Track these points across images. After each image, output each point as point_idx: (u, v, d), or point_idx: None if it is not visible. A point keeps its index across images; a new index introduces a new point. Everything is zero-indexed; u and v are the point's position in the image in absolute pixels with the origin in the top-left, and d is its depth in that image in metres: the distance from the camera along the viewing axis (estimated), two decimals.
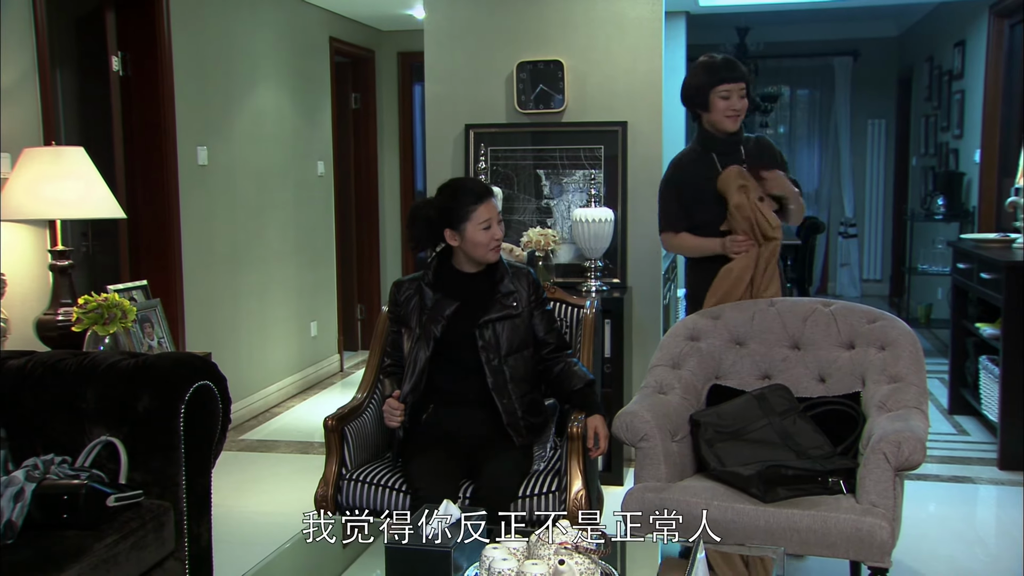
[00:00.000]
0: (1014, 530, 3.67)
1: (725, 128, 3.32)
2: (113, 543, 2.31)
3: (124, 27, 4.51)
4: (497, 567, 1.92)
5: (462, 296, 2.93)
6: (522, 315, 2.93)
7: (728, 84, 3.27)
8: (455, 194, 2.91)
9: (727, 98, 3.28)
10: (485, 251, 2.90)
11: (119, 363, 2.73)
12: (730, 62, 3.33)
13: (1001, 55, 6.24)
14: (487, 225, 2.87)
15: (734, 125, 3.33)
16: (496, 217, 2.90)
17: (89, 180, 3.45)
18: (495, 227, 2.90)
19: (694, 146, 3.44)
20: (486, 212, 2.88)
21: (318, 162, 6.37)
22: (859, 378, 2.97)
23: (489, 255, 2.92)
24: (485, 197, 2.90)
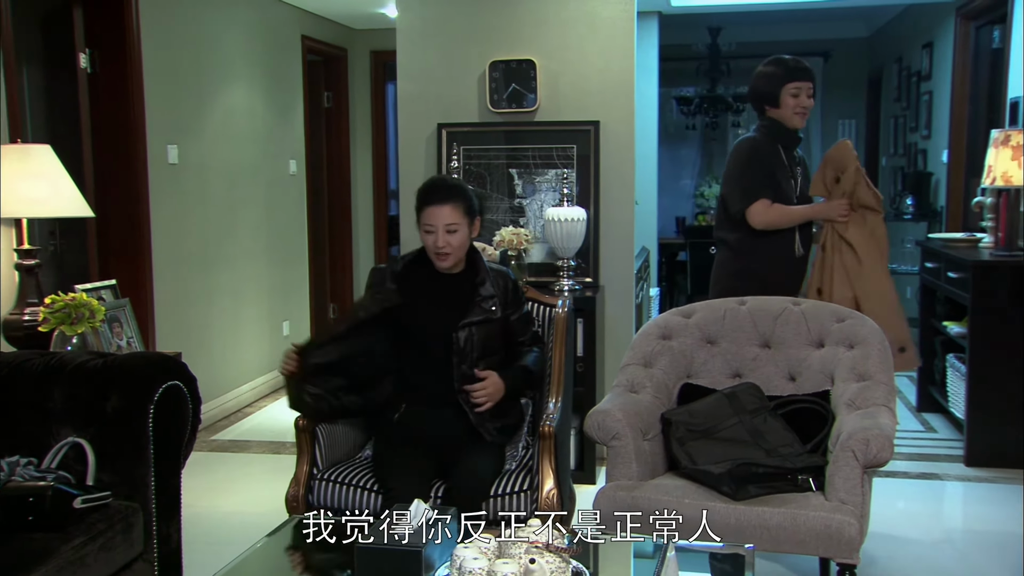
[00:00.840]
0: (980, 526, 3.72)
1: (793, 124, 3.54)
2: (80, 545, 2.29)
3: (92, 24, 4.47)
4: (468, 566, 1.92)
5: (436, 295, 2.92)
6: (499, 319, 2.93)
7: (799, 82, 3.49)
8: (417, 194, 2.92)
9: (797, 96, 3.49)
10: (433, 256, 2.89)
11: (87, 363, 2.71)
12: (800, 62, 3.54)
13: (967, 57, 6.32)
14: (429, 230, 2.85)
15: (801, 122, 3.54)
16: (444, 226, 2.83)
17: (56, 178, 3.41)
18: (440, 235, 2.83)
19: (759, 135, 3.59)
20: (429, 217, 2.85)
21: (290, 161, 6.33)
22: (828, 376, 2.99)
23: (435, 260, 2.89)
24: (434, 200, 2.86)
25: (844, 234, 3.42)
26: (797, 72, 3.51)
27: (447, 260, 2.89)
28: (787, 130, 3.56)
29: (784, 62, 3.55)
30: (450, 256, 2.88)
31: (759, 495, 2.62)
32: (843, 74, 9.83)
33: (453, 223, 2.85)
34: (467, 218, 2.89)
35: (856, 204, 3.44)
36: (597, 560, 2.26)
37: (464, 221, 2.88)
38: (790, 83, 3.49)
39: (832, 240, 3.45)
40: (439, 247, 2.85)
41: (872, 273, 3.39)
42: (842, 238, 3.42)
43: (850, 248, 3.40)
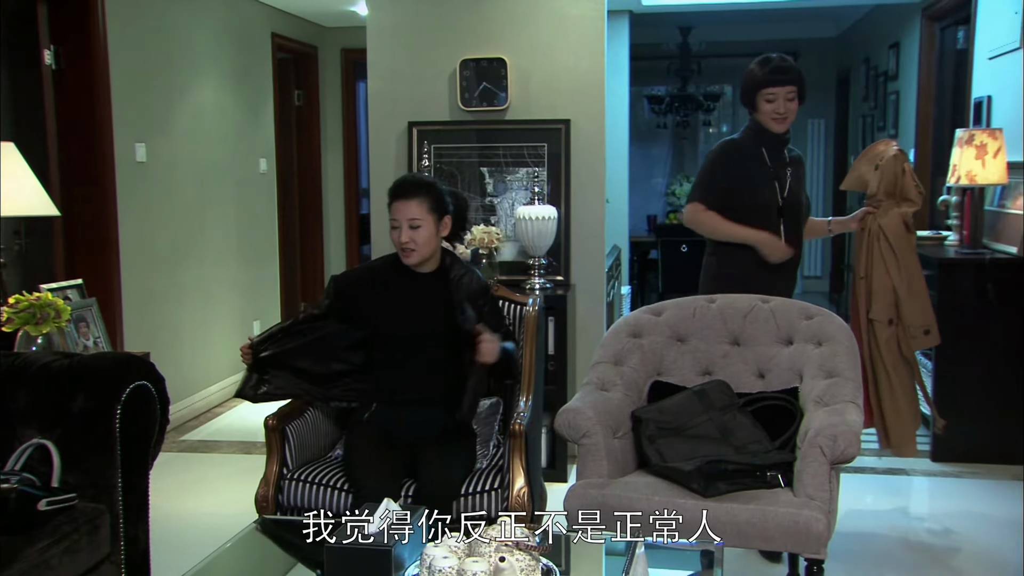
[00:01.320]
0: (946, 520, 3.77)
1: (772, 129, 3.40)
2: (44, 548, 2.26)
3: (56, 20, 4.41)
4: (438, 565, 1.92)
5: (407, 295, 2.92)
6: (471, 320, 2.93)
7: (774, 88, 3.33)
8: (390, 188, 2.95)
9: (772, 101, 3.34)
10: (399, 251, 2.90)
11: (52, 363, 2.67)
12: (781, 65, 3.36)
13: (933, 57, 6.40)
14: (394, 225, 2.88)
15: (780, 127, 3.39)
16: (408, 220, 2.84)
17: (21, 177, 3.37)
18: (404, 230, 2.85)
19: (742, 136, 3.50)
20: (394, 212, 2.88)
21: (260, 159, 6.29)
22: (797, 373, 3.02)
23: (402, 257, 2.91)
24: (400, 195, 2.88)
25: (881, 222, 3.47)
26: (772, 77, 3.34)
27: (412, 257, 2.88)
28: (771, 133, 3.42)
29: (765, 63, 3.37)
30: (415, 252, 2.87)
31: (728, 492, 2.64)
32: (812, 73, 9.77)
33: (416, 218, 2.84)
34: (433, 215, 2.88)
35: (899, 195, 3.46)
36: (569, 558, 2.26)
37: (430, 218, 2.86)
38: (764, 88, 3.34)
39: (872, 228, 3.49)
40: (403, 242, 2.86)
41: (904, 260, 3.47)
42: (881, 228, 3.47)
43: (885, 237, 3.46)
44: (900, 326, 3.49)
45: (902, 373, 3.52)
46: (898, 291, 3.45)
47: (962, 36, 5.93)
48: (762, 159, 3.44)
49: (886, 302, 3.47)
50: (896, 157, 3.46)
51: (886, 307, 3.47)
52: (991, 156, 4.39)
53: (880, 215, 3.48)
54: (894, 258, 3.46)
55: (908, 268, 3.49)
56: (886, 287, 3.46)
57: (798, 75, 3.37)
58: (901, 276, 3.46)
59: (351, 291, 2.98)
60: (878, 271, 3.48)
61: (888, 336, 3.48)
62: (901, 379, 3.52)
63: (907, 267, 3.49)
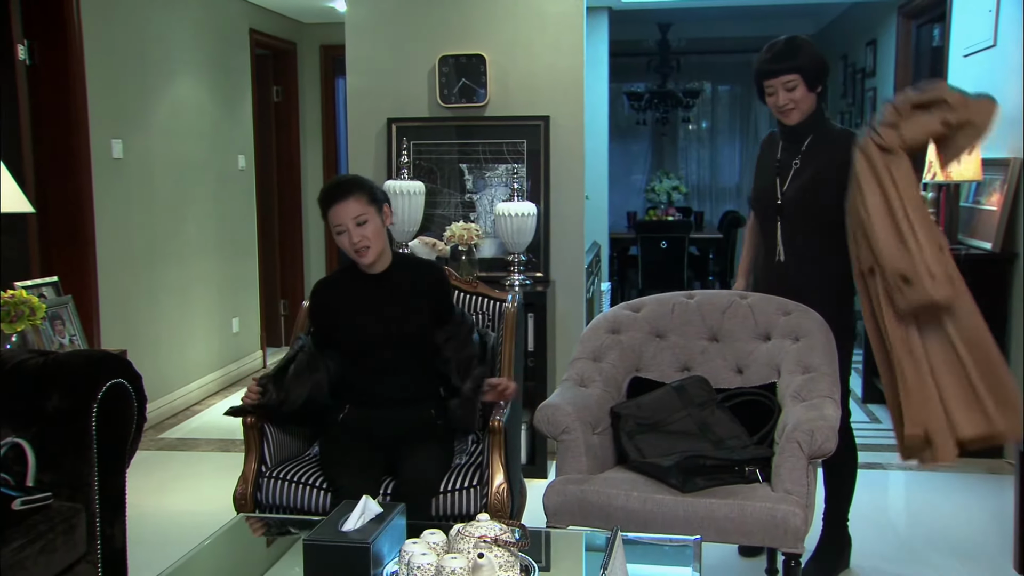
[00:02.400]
0: (922, 513, 3.80)
1: (782, 121, 3.10)
2: (19, 548, 2.24)
3: (30, 14, 4.36)
4: (416, 562, 1.92)
5: (368, 301, 2.91)
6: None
7: (770, 80, 3.02)
8: (319, 199, 2.86)
9: (772, 94, 3.03)
10: (353, 256, 2.84)
11: (27, 361, 2.65)
12: (779, 53, 3.01)
13: (909, 54, 6.45)
14: (340, 231, 2.79)
15: (788, 119, 3.06)
16: (352, 219, 2.76)
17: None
18: (352, 231, 2.77)
19: (776, 128, 3.25)
20: (336, 216, 2.77)
21: (239, 156, 6.25)
22: (775, 369, 3.03)
23: (357, 259, 2.85)
24: (334, 199, 2.78)
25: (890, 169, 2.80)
26: (765, 68, 3.02)
27: (368, 255, 2.82)
28: (783, 124, 3.12)
29: (767, 51, 3.04)
30: (370, 249, 2.81)
31: (707, 487, 2.65)
32: None
33: (360, 214, 2.77)
34: (373, 206, 2.81)
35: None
36: (549, 553, 2.27)
37: (371, 210, 2.79)
38: (763, 81, 3.05)
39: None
40: (355, 242, 2.79)
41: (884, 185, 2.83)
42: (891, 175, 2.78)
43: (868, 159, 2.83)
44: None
45: (912, 343, 2.78)
46: (864, 219, 2.80)
47: (938, 34, 5.98)
48: (775, 150, 3.18)
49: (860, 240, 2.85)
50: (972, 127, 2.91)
51: (864, 248, 2.85)
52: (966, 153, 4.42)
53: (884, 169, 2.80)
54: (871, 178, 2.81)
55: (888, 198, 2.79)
56: (857, 219, 2.85)
57: (795, 62, 2.97)
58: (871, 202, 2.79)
59: (323, 305, 2.98)
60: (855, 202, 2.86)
61: (880, 292, 2.81)
62: (909, 351, 2.79)
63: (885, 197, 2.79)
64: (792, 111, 3.04)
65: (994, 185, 4.51)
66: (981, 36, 4.79)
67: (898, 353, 2.79)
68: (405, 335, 2.89)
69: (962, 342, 2.75)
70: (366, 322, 2.89)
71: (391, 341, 2.87)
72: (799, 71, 2.98)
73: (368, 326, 2.88)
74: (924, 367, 2.77)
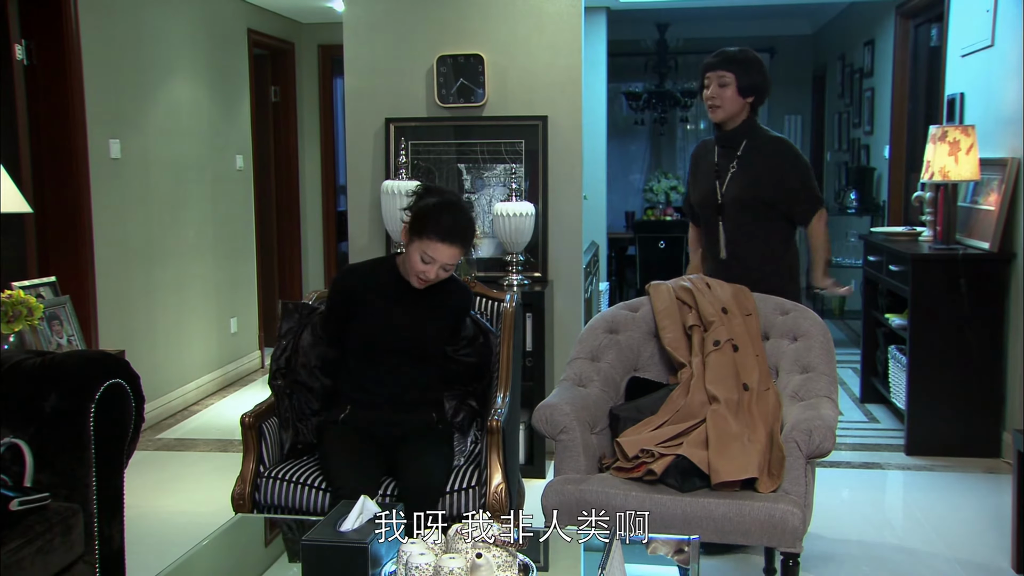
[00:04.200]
0: (919, 512, 3.81)
1: (711, 116, 3.38)
2: (16, 548, 2.24)
3: (28, 14, 4.36)
4: (415, 562, 1.92)
5: (404, 304, 2.90)
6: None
7: (707, 72, 3.32)
8: (431, 214, 2.78)
9: (707, 87, 3.32)
10: (413, 275, 2.83)
11: (24, 362, 2.65)
12: (727, 56, 3.30)
13: (907, 54, 6.45)
14: (427, 260, 2.77)
15: (713, 115, 3.35)
16: (441, 263, 2.78)
17: None
18: (434, 269, 2.78)
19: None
20: (435, 251, 2.76)
21: (237, 156, 6.25)
22: (773, 368, 3.04)
23: (413, 280, 2.84)
24: (446, 239, 2.76)
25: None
26: (707, 63, 3.33)
27: (424, 285, 2.84)
28: (717, 125, 3.39)
29: (714, 52, 3.36)
30: (431, 284, 2.84)
31: (704, 487, 2.65)
32: (789, 70, 9.97)
33: (451, 264, 2.82)
34: (464, 257, 2.90)
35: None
36: (547, 554, 2.27)
37: (459, 260, 2.87)
38: (703, 75, 3.34)
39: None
40: (428, 277, 2.81)
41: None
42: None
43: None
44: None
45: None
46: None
47: (935, 33, 5.98)
48: (711, 154, 3.43)
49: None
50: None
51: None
52: (964, 152, 4.43)
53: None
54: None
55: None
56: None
57: (736, 65, 3.26)
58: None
59: (349, 291, 2.94)
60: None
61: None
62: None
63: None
64: (718, 108, 3.30)
65: (992, 185, 4.51)
66: (979, 36, 4.79)
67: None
68: (417, 340, 2.89)
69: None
70: (383, 318, 2.88)
71: (402, 343, 2.87)
72: (735, 73, 3.26)
73: (384, 322, 2.88)
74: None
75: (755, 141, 3.37)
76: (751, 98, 3.32)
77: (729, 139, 3.37)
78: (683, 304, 3.10)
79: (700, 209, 3.49)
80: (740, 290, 3.13)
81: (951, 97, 5.15)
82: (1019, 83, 4.26)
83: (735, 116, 3.33)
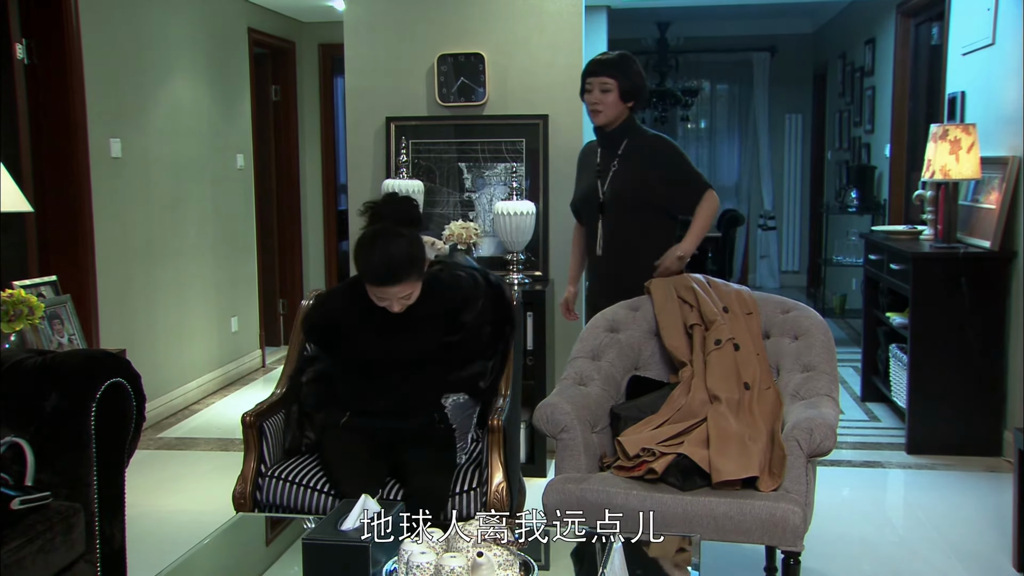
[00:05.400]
0: (920, 511, 3.81)
1: (593, 120, 3.46)
2: (17, 547, 2.24)
3: (28, 13, 4.36)
4: (415, 560, 1.92)
5: (379, 316, 2.81)
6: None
7: (589, 78, 3.42)
8: (360, 256, 2.67)
9: (589, 91, 3.41)
10: (382, 304, 2.71)
11: (25, 361, 2.65)
12: (607, 61, 3.40)
13: (908, 53, 6.44)
14: (382, 298, 2.67)
15: (594, 119, 3.44)
16: (396, 299, 2.66)
17: None
18: (393, 303, 2.67)
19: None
20: (382, 293, 2.66)
21: (237, 155, 6.25)
22: (774, 367, 3.03)
23: (390, 310, 2.72)
24: (385, 284, 2.64)
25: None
26: (588, 68, 3.44)
27: (399, 310, 2.72)
28: (598, 128, 3.48)
29: (595, 57, 3.47)
30: (402, 308, 2.72)
31: (705, 486, 2.65)
32: (789, 69, 9.97)
33: (408, 292, 2.69)
34: (419, 279, 2.72)
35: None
36: (548, 553, 2.27)
37: (418, 284, 2.71)
38: (584, 79, 3.44)
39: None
40: (395, 310, 2.70)
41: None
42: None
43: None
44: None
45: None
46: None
47: (936, 32, 5.98)
48: (594, 155, 3.54)
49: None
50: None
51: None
52: (965, 151, 4.43)
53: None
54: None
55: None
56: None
57: (617, 71, 3.36)
58: None
59: (326, 324, 2.90)
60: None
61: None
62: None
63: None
64: (600, 113, 3.40)
65: (993, 183, 4.51)
66: (980, 34, 4.79)
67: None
68: (411, 351, 2.82)
69: None
70: (371, 340, 2.80)
71: (395, 360, 2.82)
72: (617, 79, 3.36)
73: (371, 344, 2.81)
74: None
75: (635, 140, 3.46)
76: (631, 102, 3.43)
77: (610, 140, 3.47)
78: (684, 303, 3.10)
79: (583, 206, 3.59)
80: (741, 289, 3.13)
81: (952, 96, 5.15)
82: (1020, 81, 4.26)
83: (616, 119, 3.42)
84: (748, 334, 3.01)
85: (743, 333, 3.00)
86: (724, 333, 2.98)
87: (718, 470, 2.62)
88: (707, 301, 3.06)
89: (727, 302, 3.07)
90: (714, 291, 3.12)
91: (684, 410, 2.87)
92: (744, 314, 3.06)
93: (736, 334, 2.99)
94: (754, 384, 2.90)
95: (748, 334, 3.01)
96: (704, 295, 3.09)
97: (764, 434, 2.74)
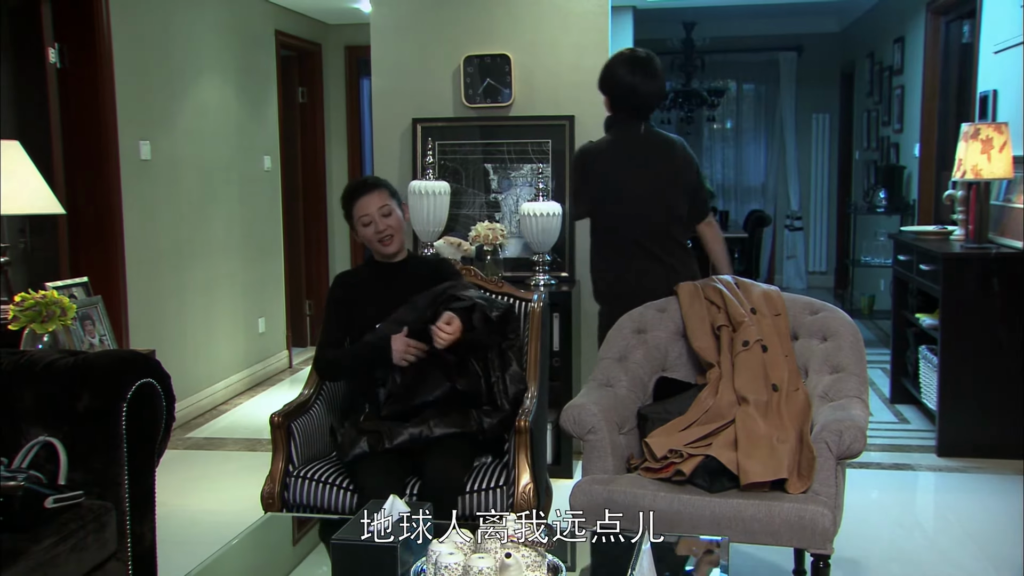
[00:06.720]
0: (951, 514, 3.76)
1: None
2: (51, 545, 2.26)
3: (60, 18, 4.41)
4: (444, 561, 1.92)
5: (390, 290, 2.96)
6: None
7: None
8: (343, 196, 3.09)
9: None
10: (376, 245, 3.01)
11: (58, 361, 2.68)
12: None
13: (937, 51, 6.38)
14: (366, 222, 2.98)
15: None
16: (379, 210, 2.97)
17: (26, 175, 3.37)
18: (377, 220, 2.97)
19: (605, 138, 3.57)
20: (363, 207, 2.98)
21: (264, 156, 6.29)
22: (803, 368, 3.01)
23: (381, 248, 3.01)
24: (361, 192, 3.00)
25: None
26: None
27: (392, 243, 3.00)
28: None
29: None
30: (394, 238, 3.00)
31: (733, 487, 2.64)
32: (816, 69, 9.90)
33: (384, 204, 2.98)
34: (394, 200, 3.04)
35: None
36: (575, 554, 2.26)
37: (392, 203, 3.02)
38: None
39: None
40: (381, 231, 2.98)
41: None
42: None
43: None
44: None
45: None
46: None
47: (967, 30, 5.91)
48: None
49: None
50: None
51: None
52: (997, 150, 4.38)
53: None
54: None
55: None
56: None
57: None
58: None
59: (342, 298, 3.07)
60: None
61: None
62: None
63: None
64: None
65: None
66: (1012, 32, 4.73)
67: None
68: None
69: None
70: (382, 315, 2.93)
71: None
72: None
73: (383, 318, 2.93)
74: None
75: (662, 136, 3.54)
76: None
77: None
78: (711, 304, 3.09)
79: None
80: (769, 290, 3.11)
81: (984, 94, 5.09)
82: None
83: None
84: (776, 335, 2.99)
85: (771, 334, 2.98)
86: (752, 334, 2.96)
87: (746, 472, 2.61)
88: (734, 302, 3.05)
89: (755, 303, 3.06)
90: (742, 292, 3.10)
91: (712, 412, 2.86)
92: (772, 315, 3.04)
93: (764, 335, 2.97)
94: (782, 386, 2.88)
95: (776, 335, 2.99)
96: (731, 296, 3.07)
97: (792, 436, 2.72)
